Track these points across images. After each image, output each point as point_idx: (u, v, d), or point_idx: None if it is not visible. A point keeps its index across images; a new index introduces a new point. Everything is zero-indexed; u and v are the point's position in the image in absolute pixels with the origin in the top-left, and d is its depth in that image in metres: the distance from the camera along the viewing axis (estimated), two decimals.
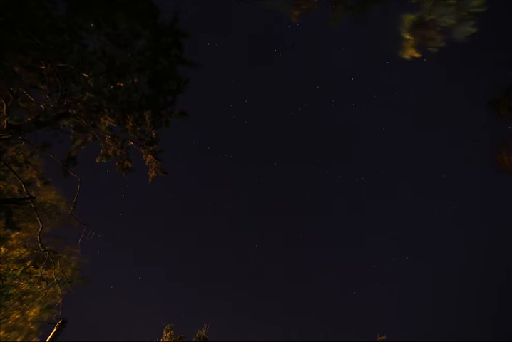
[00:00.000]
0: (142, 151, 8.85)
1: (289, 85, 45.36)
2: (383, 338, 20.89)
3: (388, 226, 49.41)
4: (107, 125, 7.70)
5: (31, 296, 9.71)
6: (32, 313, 9.86)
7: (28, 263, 9.78)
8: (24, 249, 9.70)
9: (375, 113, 44.06)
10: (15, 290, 9.40)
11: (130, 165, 8.91)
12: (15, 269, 9.48)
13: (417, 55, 3.99)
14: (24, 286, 9.58)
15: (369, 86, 43.39)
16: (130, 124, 7.77)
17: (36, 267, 9.82)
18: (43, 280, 9.91)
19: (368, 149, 46.69)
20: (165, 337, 16.78)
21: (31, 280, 9.67)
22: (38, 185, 9.25)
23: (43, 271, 9.84)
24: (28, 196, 8.93)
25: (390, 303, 48.56)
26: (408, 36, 3.90)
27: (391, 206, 48.85)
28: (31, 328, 9.92)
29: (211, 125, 45.71)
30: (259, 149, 49.77)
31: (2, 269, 9.23)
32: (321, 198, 51.02)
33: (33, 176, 9.05)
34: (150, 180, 9.19)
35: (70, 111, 7.38)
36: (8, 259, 9.36)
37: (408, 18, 3.89)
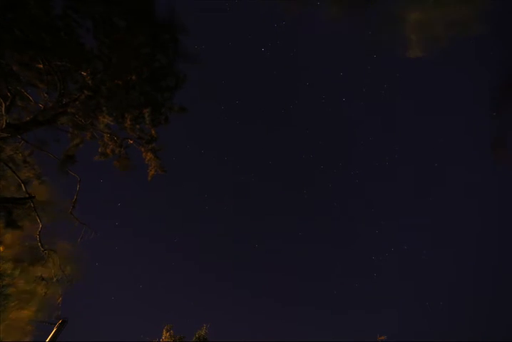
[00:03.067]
0: (142, 149, 8.84)
1: (279, 83, 45.45)
2: (383, 338, 20.83)
3: (385, 217, 49.80)
4: (105, 123, 7.67)
5: (29, 295, 9.68)
6: (30, 313, 9.83)
7: (26, 263, 9.75)
8: (21, 248, 9.67)
9: (365, 106, 44.22)
10: (13, 289, 9.37)
11: (129, 164, 8.90)
12: (13, 269, 9.45)
13: (421, 53, 3.94)
14: (22, 286, 9.54)
15: (358, 80, 43.47)
16: (129, 122, 7.74)
17: (35, 266, 9.79)
18: (42, 279, 9.87)
19: (361, 143, 47.00)
20: (165, 337, 16.72)
21: (30, 279, 9.64)
22: (37, 184, 9.23)
23: (42, 270, 9.81)
24: (27, 195, 8.90)
25: (390, 298, 48.78)
26: (411, 35, 3.85)
27: (387, 198, 49.18)
28: (29, 327, 9.89)
29: (203, 128, 45.83)
30: (253, 148, 49.86)
31: (0, 269, 9.20)
32: (318, 193, 51.20)
33: (31, 175, 9.01)
34: (149, 178, 9.18)
35: (68, 110, 7.35)
36: (5, 258, 9.33)
37: (412, 16, 3.84)
